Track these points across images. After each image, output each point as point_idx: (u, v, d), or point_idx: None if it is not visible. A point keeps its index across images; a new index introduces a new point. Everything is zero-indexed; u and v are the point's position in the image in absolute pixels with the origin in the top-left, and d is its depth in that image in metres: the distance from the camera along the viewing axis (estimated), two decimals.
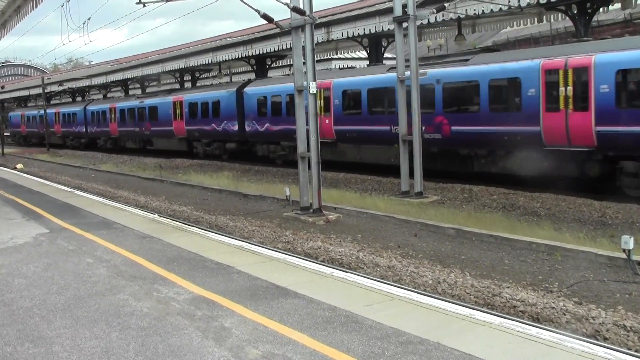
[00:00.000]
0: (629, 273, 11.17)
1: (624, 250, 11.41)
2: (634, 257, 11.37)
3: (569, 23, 29.33)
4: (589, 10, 23.44)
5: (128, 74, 60.92)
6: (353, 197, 20.44)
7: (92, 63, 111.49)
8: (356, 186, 23.33)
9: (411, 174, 20.19)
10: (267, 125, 33.15)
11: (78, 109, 60.76)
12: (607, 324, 8.53)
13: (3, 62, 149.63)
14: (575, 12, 23.60)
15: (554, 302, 9.48)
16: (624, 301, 9.87)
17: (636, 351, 7.53)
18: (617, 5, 25.90)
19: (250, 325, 7.31)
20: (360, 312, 7.67)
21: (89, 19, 33.57)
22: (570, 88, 18.90)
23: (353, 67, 39.74)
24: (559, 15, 27.77)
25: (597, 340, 7.90)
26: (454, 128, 22.89)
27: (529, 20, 31.16)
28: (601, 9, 24.40)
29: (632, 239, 11.32)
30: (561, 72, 19.12)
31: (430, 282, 10.86)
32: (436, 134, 23.48)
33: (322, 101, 28.35)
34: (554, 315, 9.00)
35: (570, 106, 18.91)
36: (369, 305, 8.01)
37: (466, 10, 25.56)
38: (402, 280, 10.99)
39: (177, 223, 15.57)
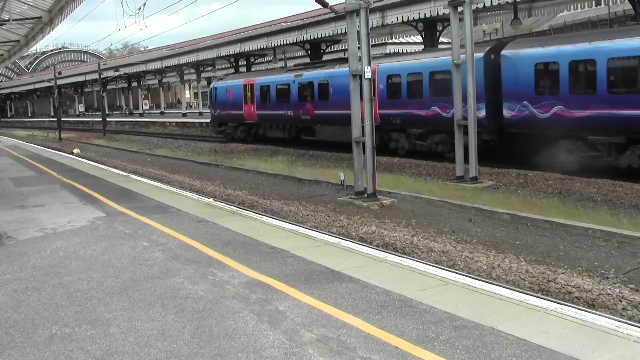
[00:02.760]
0: None
1: None
2: None
3: (627, 6, 28.66)
4: None
5: (183, 59, 61.74)
6: (407, 181, 20.39)
7: (147, 48, 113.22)
8: (410, 171, 23.25)
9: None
10: None
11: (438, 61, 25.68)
12: None
13: (60, 48, 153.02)
14: None
15: (610, 289, 9.36)
16: None
17: None
18: None
19: (305, 308, 7.37)
20: (414, 296, 7.67)
21: (144, 4, 34.06)
22: None
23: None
24: None
25: None
26: None
27: (586, 3, 30.56)
28: None
29: None
30: None
31: (484, 267, 10.79)
32: None
33: None
34: (610, 302, 8.88)
35: None
36: (423, 289, 8.00)
37: None
38: (456, 265, 10.94)
39: (232, 207, 15.71)
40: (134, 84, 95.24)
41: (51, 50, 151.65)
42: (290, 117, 35.40)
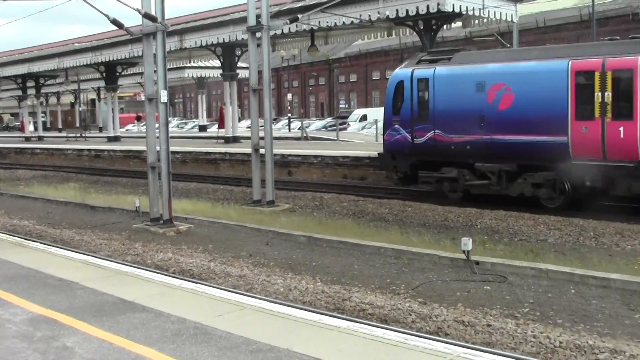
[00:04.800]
0: (468, 272, 11.78)
1: (463, 251, 12.02)
2: (472, 258, 12.02)
3: (417, 38, 30.70)
4: (434, 27, 24.70)
5: None
6: (205, 207, 20.29)
7: None
8: (208, 196, 23.14)
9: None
10: None
11: None
12: (448, 320, 8.97)
13: None
14: (422, 27, 24.78)
15: (400, 304, 9.82)
16: (463, 298, 10.38)
17: (473, 343, 7.93)
18: (460, 24, 27.44)
19: (95, 343, 7.00)
20: (210, 322, 7.54)
21: None
22: None
23: None
24: (407, 30, 28.94)
25: (439, 336, 8.23)
26: None
27: (379, 33, 32.18)
28: (445, 26, 25.71)
29: (471, 240, 12.00)
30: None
31: (281, 289, 10.87)
32: None
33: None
34: (401, 316, 9.30)
35: None
36: (220, 315, 7.90)
37: (319, 22, 26.14)
38: (253, 289, 10.93)
39: (17, 239, 14.73)
40: None
41: None
42: None
